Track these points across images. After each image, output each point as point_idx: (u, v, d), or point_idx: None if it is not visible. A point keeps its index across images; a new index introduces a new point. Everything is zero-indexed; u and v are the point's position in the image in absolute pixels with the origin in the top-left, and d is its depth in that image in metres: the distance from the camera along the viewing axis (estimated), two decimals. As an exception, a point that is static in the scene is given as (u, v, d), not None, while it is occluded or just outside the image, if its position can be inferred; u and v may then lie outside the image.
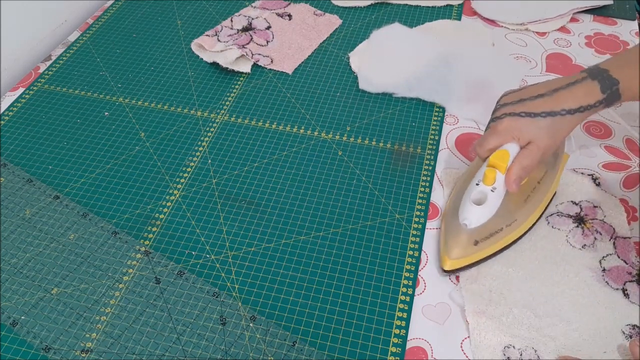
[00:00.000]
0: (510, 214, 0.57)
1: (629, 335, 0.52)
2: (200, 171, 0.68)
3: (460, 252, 0.55)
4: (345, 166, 0.69)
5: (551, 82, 0.57)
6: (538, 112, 0.55)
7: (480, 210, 0.55)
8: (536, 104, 0.55)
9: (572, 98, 0.55)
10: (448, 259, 0.56)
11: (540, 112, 0.54)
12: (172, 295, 0.56)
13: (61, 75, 0.82)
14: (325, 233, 0.62)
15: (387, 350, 0.52)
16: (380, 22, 0.91)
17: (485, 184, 0.55)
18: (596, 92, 0.55)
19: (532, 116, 0.55)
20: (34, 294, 0.56)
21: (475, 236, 0.55)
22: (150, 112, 0.77)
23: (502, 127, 0.56)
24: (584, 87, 0.55)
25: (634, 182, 0.66)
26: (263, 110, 0.77)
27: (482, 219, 0.55)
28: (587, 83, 0.55)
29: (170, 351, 0.52)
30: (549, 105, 0.55)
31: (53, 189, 0.66)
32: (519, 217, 0.58)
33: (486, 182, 0.55)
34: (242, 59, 0.83)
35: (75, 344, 0.52)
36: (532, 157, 0.55)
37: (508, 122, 0.55)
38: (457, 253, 0.55)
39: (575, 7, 0.92)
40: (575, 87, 0.55)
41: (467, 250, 0.55)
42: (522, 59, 0.84)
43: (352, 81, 0.81)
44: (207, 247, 0.60)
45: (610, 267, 0.58)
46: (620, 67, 0.56)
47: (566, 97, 0.55)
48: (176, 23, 0.92)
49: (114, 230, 0.62)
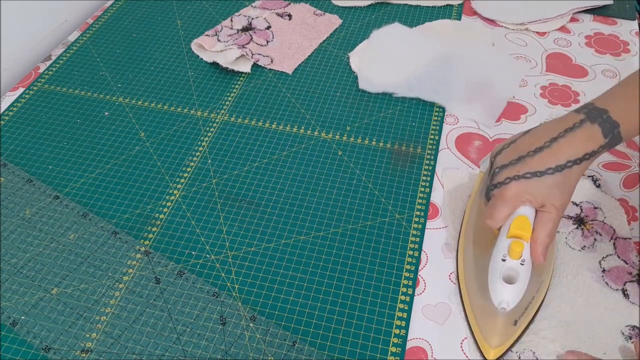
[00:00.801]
0: (538, 277, 0.53)
1: (628, 336, 0.52)
2: (200, 171, 0.68)
3: (502, 338, 0.50)
4: (345, 166, 0.69)
5: (545, 129, 0.53)
6: (544, 170, 0.50)
7: (514, 290, 0.50)
8: (538, 161, 0.51)
9: (574, 146, 0.50)
10: (490, 348, 0.50)
11: (546, 170, 0.50)
12: (172, 295, 0.56)
13: (61, 75, 0.82)
14: (325, 233, 0.62)
15: (387, 350, 0.52)
16: (380, 22, 0.91)
17: (513, 258, 0.50)
18: (598, 137, 0.50)
19: (538, 175, 0.50)
20: (34, 294, 0.56)
21: (514, 316, 0.50)
22: (150, 112, 0.77)
23: (510, 194, 0.51)
24: (584, 133, 0.51)
25: (634, 182, 0.66)
26: (263, 110, 0.77)
27: (518, 298, 0.50)
28: (587, 127, 0.51)
29: (170, 351, 0.52)
30: (553, 160, 0.50)
31: (53, 189, 0.66)
32: (545, 278, 0.54)
33: (514, 256, 0.50)
34: (242, 58, 0.83)
35: (75, 344, 0.52)
36: (553, 220, 0.51)
37: (515, 187, 0.51)
38: (498, 340, 0.50)
39: (575, 7, 0.92)
40: (575, 134, 0.51)
41: (508, 334, 0.51)
42: (522, 59, 0.84)
43: (352, 81, 0.81)
44: (207, 247, 0.60)
45: (610, 268, 0.58)
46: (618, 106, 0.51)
47: (567, 146, 0.51)
48: (176, 23, 0.92)
49: (114, 230, 0.62)
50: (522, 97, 0.78)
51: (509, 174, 0.52)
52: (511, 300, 0.49)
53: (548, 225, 0.50)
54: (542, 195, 0.50)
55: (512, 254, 0.50)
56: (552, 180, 0.50)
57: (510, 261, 0.50)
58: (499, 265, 0.50)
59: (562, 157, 0.50)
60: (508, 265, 0.50)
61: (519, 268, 0.50)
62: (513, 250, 0.50)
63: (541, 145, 0.51)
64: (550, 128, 0.52)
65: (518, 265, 0.50)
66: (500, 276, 0.50)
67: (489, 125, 0.74)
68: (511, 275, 0.50)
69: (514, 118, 0.75)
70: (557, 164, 0.50)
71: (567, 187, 0.51)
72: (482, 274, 0.52)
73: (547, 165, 0.50)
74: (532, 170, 0.51)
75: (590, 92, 0.78)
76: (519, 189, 0.51)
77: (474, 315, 0.53)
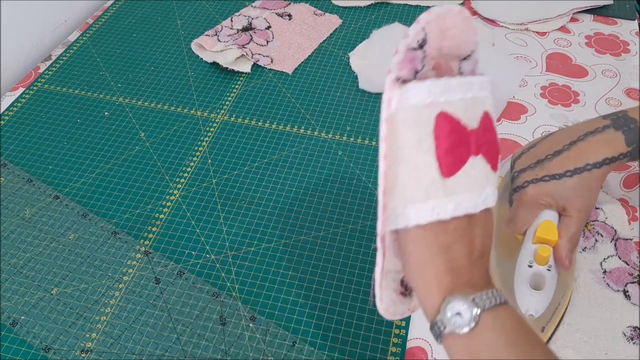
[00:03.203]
0: (563, 282, 0.52)
1: (630, 337, 0.52)
2: (200, 171, 0.68)
3: None
4: (345, 166, 0.69)
5: (566, 132, 0.52)
6: (562, 173, 0.49)
7: (541, 296, 0.49)
8: (557, 163, 0.50)
9: (594, 150, 0.49)
10: None
11: (565, 172, 0.49)
12: (172, 295, 0.56)
13: (61, 75, 0.82)
14: (325, 233, 0.62)
15: (387, 350, 0.52)
16: (380, 22, 0.91)
17: (539, 264, 0.49)
18: (619, 144, 0.49)
19: (557, 178, 0.49)
20: (34, 294, 0.56)
21: (541, 323, 0.49)
22: (150, 112, 0.77)
23: (528, 197, 0.51)
24: (605, 138, 0.49)
25: (634, 182, 0.66)
26: (263, 110, 0.77)
27: (545, 304, 0.49)
28: (609, 133, 0.49)
29: (170, 351, 0.52)
30: (571, 162, 0.49)
31: (53, 189, 0.66)
32: (569, 282, 0.53)
33: (540, 262, 0.49)
34: (242, 58, 0.83)
35: (75, 344, 0.52)
36: (576, 224, 0.50)
37: (533, 190, 0.50)
38: None
39: (575, 7, 0.91)
40: (595, 138, 0.50)
41: None
42: (522, 59, 0.84)
43: (352, 81, 0.81)
44: (207, 247, 0.60)
45: (611, 269, 0.58)
46: None
47: (587, 149, 0.49)
48: (176, 23, 0.92)
49: (114, 230, 0.62)
50: (522, 97, 0.78)
51: (527, 177, 0.51)
52: (539, 307, 0.48)
53: (571, 230, 0.50)
54: (561, 198, 0.49)
55: (539, 259, 0.49)
56: (571, 183, 0.49)
57: (537, 267, 0.49)
58: (525, 271, 0.49)
59: (581, 160, 0.49)
60: (535, 271, 0.49)
61: (546, 274, 0.49)
62: (539, 256, 0.49)
63: (560, 149, 0.51)
64: (571, 132, 0.52)
65: (545, 271, 0.49)
66: (528, 283, 0.49)
67: (489, 125, 0.74)
68: (538, 282, 0.49)
69: (514, 118, 0.75)
70: (576, 166, 0.49)
71: (588, 191, 0.49)
72: (507, 280, 0.51)
73: (566, 167, 0.49)
74: (551, 173, 0.50)
75: (590, 92, 0.78)
76: (538, 192, 0.50)
77: None
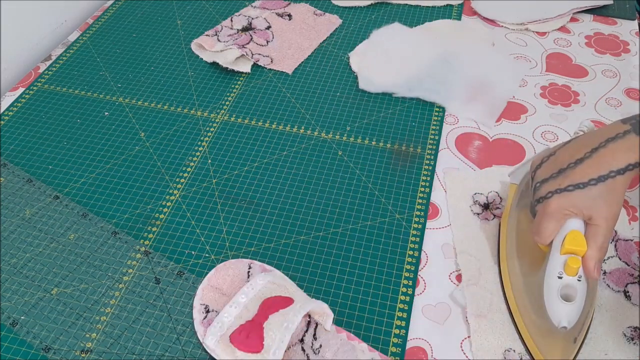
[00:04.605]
0: (593, 291, 0.51)
1: (630, 338, 0.52)
2: (200, 171, 0.68)
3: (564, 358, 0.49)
4: (345, 166, 0.69)
5: (585, 139, 0.51)
6: (586, 182, 0.48)
7: (573, 308, 0.48)
8: (580, 172, 0.49)
9: (616, 156, 0.48)
10: None
11: (589, 181, 0.48)
12: (172, 295, 0.56)
13: (61, 75, 0.82)
14: (325, 233, 0.62)
15: (387, 351, 0.52)
16: (380, 22, 0.91)
17: (569, 275, 0.49)
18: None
19: (581, 187, 0.49)
20: (34, 294, 0.56)
21: (573, 334, 0.49)
22: (150, 112, 0.77)
23: (553, 208, 0.50)
24: (626, 143, 0.48)
25: (634, 182, 0.66)
26: (263, 110, 0.77)
27: (577, 315, 0.48)
28: (630, 138, 0.48)
29: (170, 351, 0.52)
30: (594, 170, 0.48)
31: (53, 189, 0.66)
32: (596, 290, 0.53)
33: (571, 273, 0.49)
34: (242, 58, 0.83)
35: (75, 344, 0.52)
36: (603, 233, 0.49)
37: (557, 200, 0.50)
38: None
39: (575, 7, 0.92)
40: (617, 144, 0.48)
41: (569, 352, 0.49)
42: (522, 59, 0.84)
43: (352, 81, 0.81)
44: (207, 247, 0.60)
45: (611, 270, 0.58)
46: None
47: (609, 156, 0.48)
48: (176, 23, 0.92)
49: (114, 230, 0.62)
50: (522, 97, 0.78)
51: (550, 187, 0.50)
52: (572, 318, 0.48)
53: (598, 239, 0.49)
54: (587, 207, 0.49)
55: (569, 270, 0.48)
56: (596, 191, 0.48)
57: (567, 278, 0.49)
58: (555, 283, 0.49)
59: (604, 167, 0.48)
60: (565, 282, 0.49)
61: (577, 285, 0.48)
62: (570, 267, 0.48)
63: (582, 157, 0.50)
64: (590, 138, 0.51)
65: (575, 282, 0.48)
66: (559, 294, 0.48)
67: (489, 125, 0.74)
68: (569, 293, 0.49)
69: (514, 118, 0.75)
70: (600, 174, 0.48)
71: (614, 198, 0.49)
72: (534, 291, 0.51)
73: (589, 176, 0.49)
74: (574, 183, 0.49)
75: (590, 92, 0.78)
76: (562, 203, 0.49)
77: (529, 335, 0.51)
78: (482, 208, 0.64)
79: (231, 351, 0.47)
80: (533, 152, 0.70)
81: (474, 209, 0.64)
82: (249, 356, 0.47)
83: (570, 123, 0.74)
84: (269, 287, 0.51)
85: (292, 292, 0.51)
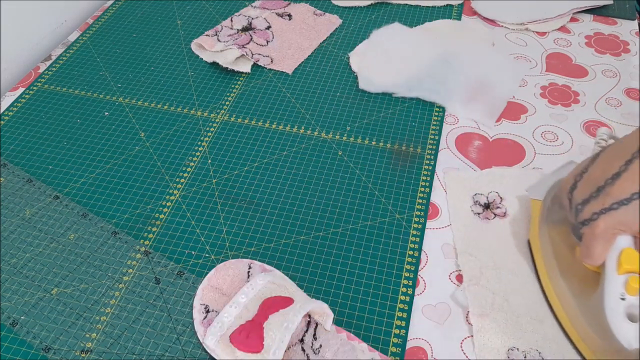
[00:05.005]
0: None
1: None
2: (200, 171, 0.68)
3: None
4: (345, 166, 0.69)
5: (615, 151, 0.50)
6: (629, 197, 0.47)
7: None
8: (619, 188, 0.48)
9: None
10: None
11: (631, 195, 0.47)
12: (172, 295, 0.56)
13: (61, 75, 0.82)
14: (325, 233, 0.62)
15: (387, 351, 0.52)
16: (380, 22, 0.91)
17: (631, 294, 0.48)
18: None
19: (625, 203, 0.47)
20: (34, 294, 0.56)
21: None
22: (150, 112, 0.77)
23: (602, 229, 0.49)
24: None
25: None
26: (263, 110, 0.77)
27: None
28: None
29: (170, 351, 0.52)
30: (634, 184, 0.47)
31: (53, 189, 0.66)
32: None
33: (632, 292, 0.48)
34: (242, 58, 0.83)
35: (75, 344, 0.52)
36: None
37: (605, 220, 0.48)
38: None
39: (575, 7, 0.92)
40: None
41: None
42: (522, 58, 0.84)
43: (352, 81, 0.81)
44: (207, 247, 0.60)
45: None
46: None
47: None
48: (176, 23, 0.92)
49: (114, 230, 0.62)
50: (522, 97, 0.78)
51: (594, 208, 0.49)
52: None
53: None
54: (635, 222, 0.48)
55: (631, 290, 0.48)
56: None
57: (630, 298, 0.48)
58: (618, 304, 0.48)
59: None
60: (629, 303, 0.48)
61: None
62: (631, 287, 0.48)
63: (617, 171, 0.48)
64: (619, 150, 0.49)
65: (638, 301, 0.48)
66: (625, 315, 0.48)
67: (489, 125, 0.74)
68: (634, 313, 0.48)
69: (514, 118, 0.75)
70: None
71: None
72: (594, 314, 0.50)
73: (631, 190, 0.47)
74: (618, 200, 0.48)
75: (590, 92, 0.78)
76: (610, 222, 0.48)
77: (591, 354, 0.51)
78: (483, 208, 0.64)
79: (231, 351, 0.47)
80: (533, 152, 0.70)
81: (475, 209, 0.64)
82: (249, 356, 0.47)
83: (570, 123, 0.74)
84: (269, 287, 0.51)
85: (292, 292, 0.51)
